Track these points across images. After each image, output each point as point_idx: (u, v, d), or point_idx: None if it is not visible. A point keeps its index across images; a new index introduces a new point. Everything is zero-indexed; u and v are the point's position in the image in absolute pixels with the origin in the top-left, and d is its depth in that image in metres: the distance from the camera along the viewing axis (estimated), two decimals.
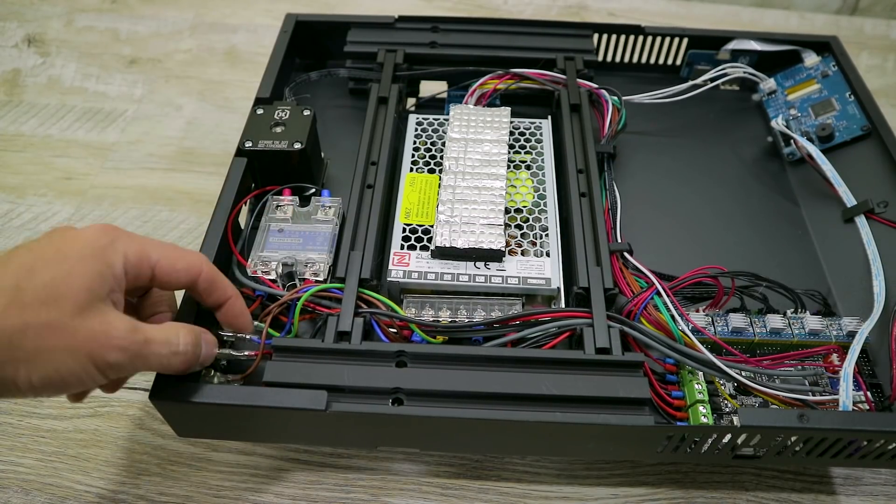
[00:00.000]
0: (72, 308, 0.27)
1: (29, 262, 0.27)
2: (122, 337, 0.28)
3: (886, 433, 0.33)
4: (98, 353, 0.27)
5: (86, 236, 0.29)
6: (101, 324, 0.27)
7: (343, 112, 0.54)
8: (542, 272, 0.40)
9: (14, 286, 0.26)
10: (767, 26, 0.78)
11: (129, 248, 0.30)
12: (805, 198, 0.50)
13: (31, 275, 0.27)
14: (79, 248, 0.28)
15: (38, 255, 0.27)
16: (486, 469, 0.42)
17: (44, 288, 0.26)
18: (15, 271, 0.27)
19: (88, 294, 0.27)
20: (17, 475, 0.41)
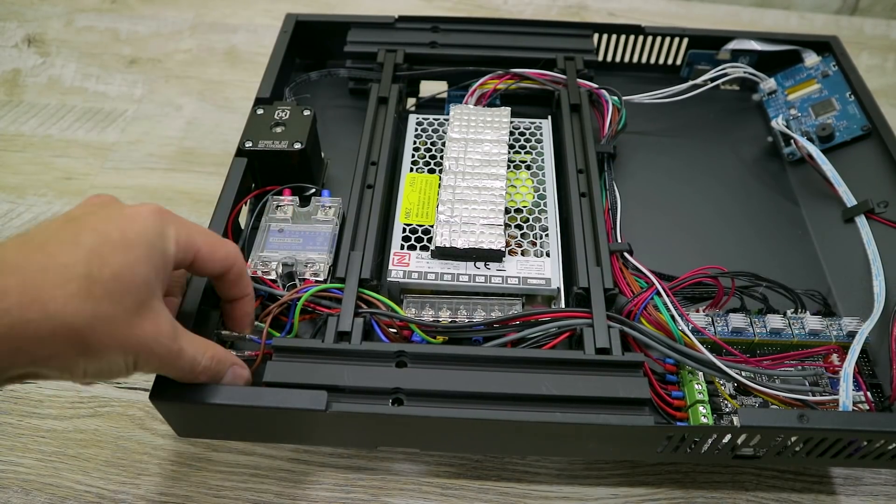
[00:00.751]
0: (133, 304, 0.27)
1: (97, 247, 0.26)
2: (164, 345, 0.28)
3: (886, 433, 0.33)
4: (142, 357, 0.27)
5: (143, 219, 0.28)
6: (152, 326, 0.28)
7: (343, 112, 0.54)
8: (542, 272, 0.40)
9: (86, 275, 0.25)
10: (767, 26, 0.78)
11: (180, 234, 0.30)
12: (805, 198, 0.50)
13: (100, 262, 0.26)
14: (140, 234, 0.28)
15: (104, 239, 0.26)
16: (486, 469, 0.42)
17: (111, 279, 0.26)
18: (86, 256, 0.25)
19: (147, 289, 0.27)
20: (17, 475, 0.41)
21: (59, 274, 0.25)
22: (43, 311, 0.24)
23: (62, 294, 0.24)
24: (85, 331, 0.25)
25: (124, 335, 0.26)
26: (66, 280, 0.25)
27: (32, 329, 0.24)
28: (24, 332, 0.24)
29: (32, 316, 0.24)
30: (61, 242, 0.26)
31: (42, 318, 0.24)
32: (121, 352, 0.27)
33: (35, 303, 0.24)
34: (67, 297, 0.24)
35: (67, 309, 0.24)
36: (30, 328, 0.24)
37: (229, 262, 0.33)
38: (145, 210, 0.29)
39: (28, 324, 0.24)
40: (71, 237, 0.26)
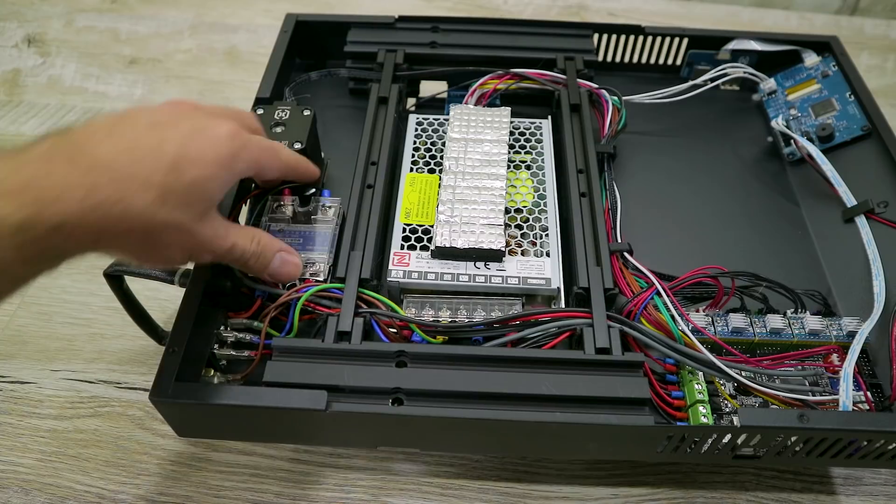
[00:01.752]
0: (199, 213, 0.30)
1: (177, 160, 0.29)
2: (218, 244, 0.32)
3: (886, 433, 0.33)
4: (198, 254, 0.32)
5: (221, 143, 0.31)
6: (212, 230, 0.32)
7: (343, 112, 0.54)
8: (542, 272, 0.40)
9: (164, 185, 0.28)
10: (767, 26, 0.78)
11: (250, 156, 0.33)
12: (805, 198, 0.50)
13: (178, 175, 0.29)
14: (216, 152, 0.31)
15: (184, 154, 0.29)
16: (486, 469, 0.42)
17: (185, 190, 0.29)
18: (167, 168, 0.28)
19: (212, 202, 0.31)
20: (17, 475, 0.41)
21: (143, 180, 0.28)
22: (126, 210, 0.27)
23: (143, 199, 0.27)
24: (156, 232, 0.29)
25: (187, 237, 0.30)
26: (148, 187, 0.28)
27: (114, 224, 0.27)
28: (107, 224, 0.27)
29: (116, 212, 0.27)
30: (148, 149, 0.28)
31: (123, 216, 0.27)
32: (181, 250, 0.31)
33: (120, 203, 0.27)
34: (147, 203, 0.28)
35: (146, 212, 0.28)
36: (112, 223, 0.27)
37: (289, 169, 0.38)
38: (223, 133, 0.31)
39: (112, 219, 0.27)
40: (156, 145, 0.29)
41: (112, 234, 0.27)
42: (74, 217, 0.25)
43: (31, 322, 0.49)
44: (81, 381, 0.46)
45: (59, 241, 0.25)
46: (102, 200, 0.26)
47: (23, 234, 0.24)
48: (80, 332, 0.48)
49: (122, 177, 0.27)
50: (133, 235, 0.28)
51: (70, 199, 0.25)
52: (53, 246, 0.25)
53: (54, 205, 0.25)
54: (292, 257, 0.36)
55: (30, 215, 0.24)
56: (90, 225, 0.26)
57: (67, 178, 0.25)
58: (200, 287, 0.36)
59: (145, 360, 0.47)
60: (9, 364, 0.47)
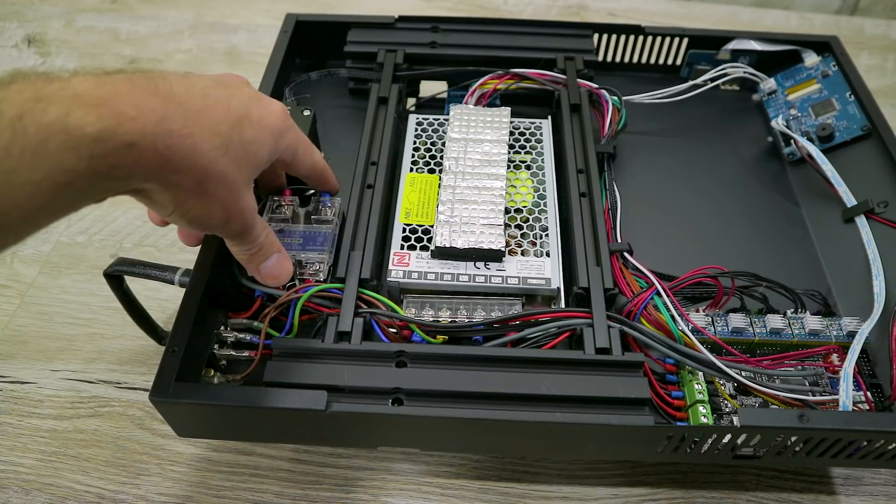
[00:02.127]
0: (247, 177, 0.32)
1: (241, 118, 0.30)
2: (248, 217, 0.32)
3: (886, 433, 0.33)
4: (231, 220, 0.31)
5: (276, 113, 0.33)
6: (251, 201, 0.32)
7: (343, 112, 0.54)
8: (542, 272, 0.40)
9: (228, 136, 0.29)
10: (767, 26, 0.78)
11: (294, 138, 0.35)
12: (805, 198, 0.50)
13: (240, 132, 0.30)
14: (272, 122, 0.32)
15: (246, 114, 0.31)
16: (486, 469, 0.42)
17: (242, 148, 0.30)
18: (232, 121, 0.30)
19: (257, 170, 0.32)
20: (17, 475, 0.41)
21: (210, 126, 0.28)
22: (193, 147, 0.28)
23: (209, 142, 0.28)
24: (211, 179, 0.29)
25: (232, 198, 0.31)
26: (214, 133, 0.29)
27: (179, 157, 0.27)
28: (173, 155, 0.27)
29: (185, 147, 0.27)
30: (217, 100, 0.30)
31: (190, 152, 0.27)
32: (222, 208, 0.31)
33: (190, 138, 0.27)
34: (210, 147, 0.28)
35: (208, 155, 0.28)
36: (178, 156, 0.27)
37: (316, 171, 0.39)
38: (278, 107, 0.34)
39: (179, 151, 0.27)
40: (224, 99, 0.30)
41: (174, 168, 0.27)
42: (148, 138, 0.25)
43: (31, 322, 0.49)
44: (81, 381, 0.46)
45: (129, 161, 0.25)
46: (175, 130, 0.27)
47: (99, 145, 0.24)
48: (80, 332, 0.48)
49: (195, 116, 0.28)
50: (191, 175, 0.28)
51: (147, 121, 0.25)
52: (122, 165, 0.25)
53: (132, 122, 0.25)
54: (287, 262, 0.37)
55: (108, 127, 0.24)
56: (159, 151, 0.26)
57: (146, 101, 0.26)
58: (200, 287, 0.36)
59: (145, 360, 0.47)
60: (9, 364, 0.47)
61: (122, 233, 0.55)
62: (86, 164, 0.24)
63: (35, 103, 0.22)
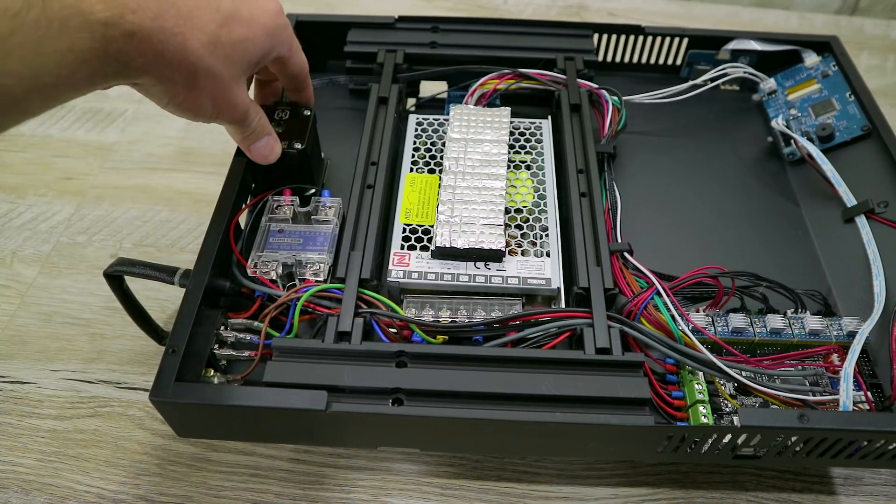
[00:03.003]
0: (237, 73, 0.34)
1: (230, 17, 0.33)
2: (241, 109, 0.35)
3: (886, 433, 0.33)
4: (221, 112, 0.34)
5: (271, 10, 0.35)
6: (242, 92, 0.35)
7: (343, 112, 0.54)
8: (542, 272, 0.40)
9: (216, 35, 0.32)
10: (767, 26, 0.78)
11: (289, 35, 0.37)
12: (805, 198, 0.50)
13: (229, 30, 0.32)
14: (264, 20, 0.35)
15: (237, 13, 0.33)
16: (486, 469, 0.42)
17: (232, 45, 0.33)
18: (221, 21, 0.32)
19: (250, 66, 0.35)
20: (17, 475, 0.41)
21: (200, 25, 0.31)
22: (182, 44, 0.30)
23: (198, 40, 0.31)
24: (199, 74, 0.31)
25: (222, 90, 0.33)
26: (203, 32, 0.31)
27: (171, 53, 0.30)
28: (165, 50, 0.29)
29: (175, 43, 0.30)
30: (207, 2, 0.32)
31: (180, 48, 0.30)
32: (213, 100, 0.33)
33: (179, 35, 0.30)
34: (199, 44, 0.31)
35: (196, 52, 0.31)
36: (170, 51, 0.30)
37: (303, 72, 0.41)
38: (273, 7, 0.36)
39: (171, 47, 0.29)
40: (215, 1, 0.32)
41: (166, 61, 0.30)
42: (145, 31, 0.28)
43: (31, 322, 0.49)
44: (81, 381, 0.46)
45: (131, 48, 0.28)
46: (166, 27, 0.29)
47: (108, 29, 0.27)
48: (80, 332, 0.48)
49: (184, 15, 0.30)
50: (181, 70, 0.30)
51: (143, 15, 0.28)
52: (125, 51, 0.28)
53: (132, 14, 0.28)
54: (276, 144, 0.40)
55: (113, 15, 0.27)
56: (154, 44, 0.29)
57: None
58: (200, 287, 0.36)
59: (145, 360, 0.47)
60: (9, 364, 0.47)
61: (122, 233, 0.55)
62: (98, 44, 0.27)
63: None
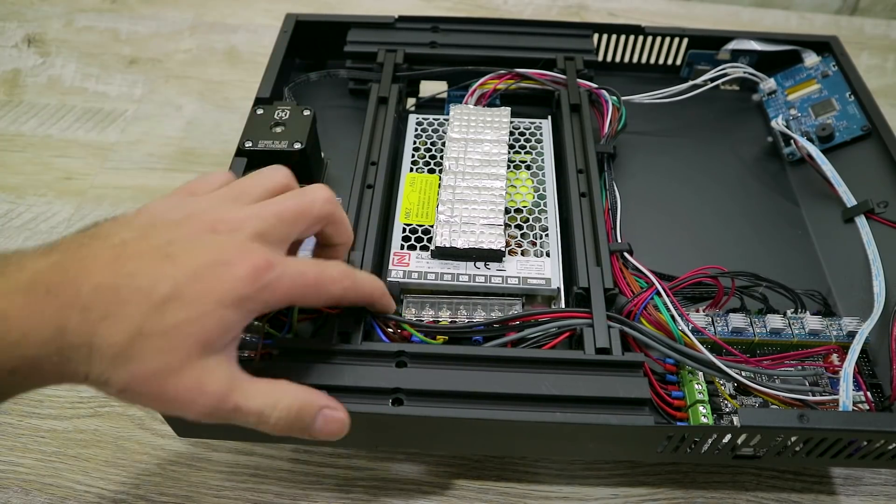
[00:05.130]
0: (179, 360, 0.26)
1: (166, 299, 0.26)
2: (207, 405, 0.27)
3: (886, 433, 0.33)
4: (179, 410, 0.27)
5: (237, 279, 0.27)
6: (194, 383, 0.26)
7: (343, 112, 0.54)
8: (542, 272, 0.40)
9: (138, 325, 0.25)
10: (767, 26, 0.78)
11: (273, 297, 0.28)
12: (805, 198, 0.50)
13: (161, 316, 0.25)
14: (221, 292, 0.26)
15: (179, 292, 0.26)
16: (486, 469, 0.42)
17: (163, 336, 0.25)
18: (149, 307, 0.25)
19: (202, 348, 0.26)
20: (17, 475, 0.41)
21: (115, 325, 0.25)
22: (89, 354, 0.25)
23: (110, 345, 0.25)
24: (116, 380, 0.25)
25: (159, 388, 0.26)
26: (118, 331, 0.25)
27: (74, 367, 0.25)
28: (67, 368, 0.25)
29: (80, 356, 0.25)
30: (136, 287, 0.25)
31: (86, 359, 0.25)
32: (150, 405, 0.27)
33: (86, 346, 0.25)
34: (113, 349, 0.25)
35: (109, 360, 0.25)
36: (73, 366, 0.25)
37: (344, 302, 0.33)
38: (242, 274, 0.27)
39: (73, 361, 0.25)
40: (149, 284, 0.26)
41: (71, 377, 0.25)
42: (31, 362, 0.24)
43: None
44: None
45: (13, 382, 0.24)
46: (66, 344, 0.24)
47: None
48: None
49: (96, 317, 0.25)
50: (93, 378, 0.25)
51: (29, 344, 0.24)
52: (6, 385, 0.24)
53: (12, 349, 0.23)
54: (338, 413, 0.30)
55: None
56: (46, 371, 0.24)
57: (38, 318, 0.24)
58: None
59: None
60: None
61: None
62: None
63: None
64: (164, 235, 0.27)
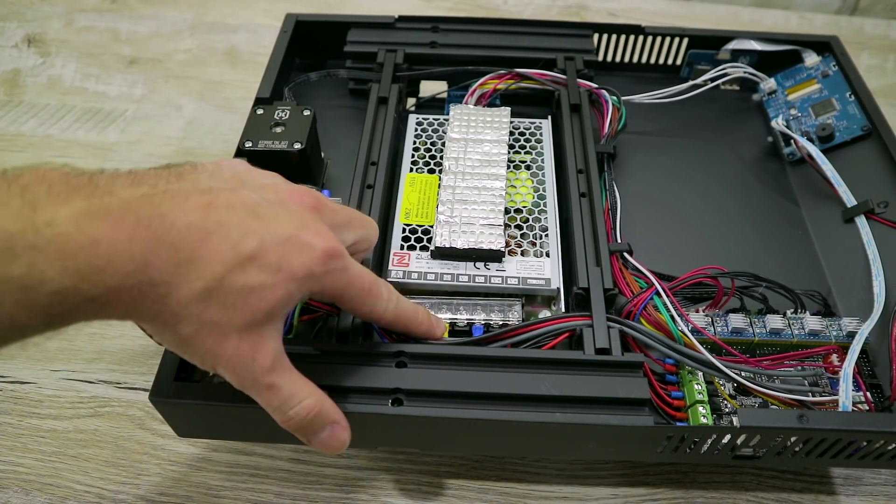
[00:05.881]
0: (241, 323, 0.26)
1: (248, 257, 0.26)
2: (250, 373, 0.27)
3: (886, 433, 0.33)
4: (219, 367, 0.27)
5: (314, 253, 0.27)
6: (249, 348, 0.27)
7: (343, 112, 0.54)
8: (542, 272, 0.40)
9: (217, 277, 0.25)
10: (767, 26, 0.78)
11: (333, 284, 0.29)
12: (805, 198, 0.50)
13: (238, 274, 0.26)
14: (299, 265, 0.27)
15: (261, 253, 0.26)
16: (486, 469, 0.42)
17: (238, 293, 0.26)
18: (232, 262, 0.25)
19: (265, 316, 0.27)
20: (17, 475, 0.41)
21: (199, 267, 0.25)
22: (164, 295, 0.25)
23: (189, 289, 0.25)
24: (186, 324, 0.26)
25: (220, 346, 0.26)
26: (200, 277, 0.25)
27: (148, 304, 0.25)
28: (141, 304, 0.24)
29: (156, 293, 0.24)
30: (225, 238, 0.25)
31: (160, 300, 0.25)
32: (200, 357, 0.27)
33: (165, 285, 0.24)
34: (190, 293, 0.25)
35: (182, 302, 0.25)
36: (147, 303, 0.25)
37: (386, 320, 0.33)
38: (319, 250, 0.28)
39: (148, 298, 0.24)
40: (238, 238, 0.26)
41: (141, 314, 0.25)
42: (111, 292, 0.23)
43: None
44: (81, 381, 0.46)
45: (89, 311, 0.24)
46: (147, 280, 0.24)
47: (55, 304, 0.22)
48: (79, 332, 0.48)
49: (182, 259, 0.24)
50: (159, 321, 0.25)
51: (115, 273, 0.23)
52: (78, 317, 0.24)
53: (97, 275, 0.23)
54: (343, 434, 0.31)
55: (67, 286, 0.22)
56: (123, 302, 0.24)
57: (127, 246, 0.23)
58: None
59: (145, 360, 0.47)
60: (9, 364, 0.47)
61: None
62: (38, 319, 0.23)
63: (2, 255, 0.21)
64: (254, 195, 0.27)
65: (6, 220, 0.21)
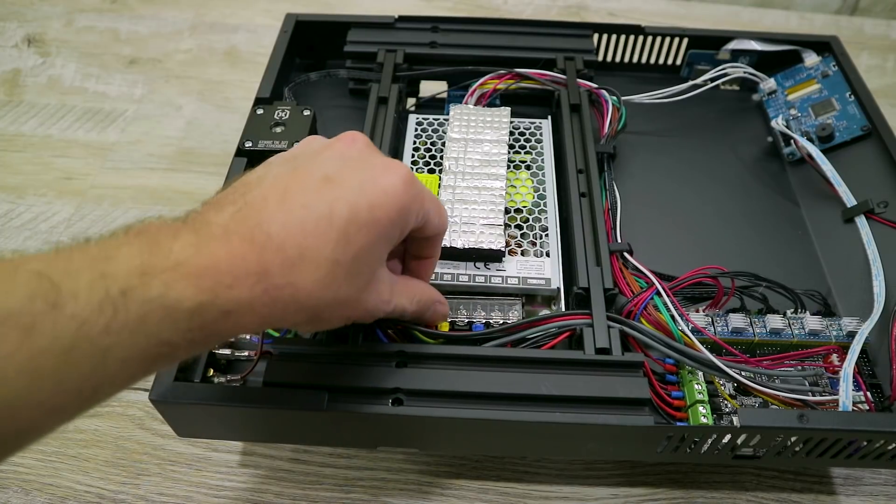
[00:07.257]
0: (365, 283, 0.29)
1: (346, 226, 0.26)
2: (381, 308, 0.30)
3: (886, 433, 0.33)
4: (359, 318, 0.30)
5: (394, 195, 0.28)
6: (376, 295, 0.30)
7: (343, 112, 0.54)
8: (542, 272, 0.40)
9: (333, 260, 0.26)
10: (767, 26, 0.78)
11: (422, 208, 0.30)
12: (805, 198, 0.50)
13: (346, 244, 0.27)
14: (387, 212, 0.28)
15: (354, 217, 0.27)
16: (486, 469, 0.42)
17: (352, 261, 0.27)
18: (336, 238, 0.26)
19: (379, 265, 0.29)
20: (17, 475, 0.41)
21: (312, 258, 0.26)
22: (293, 294, 0.26)
23: (311, 280, 0.26)
24: (321, 309, 0.27)
25: (351, 310, 0.29)
26: (317, 266, 0.26)
27: (281, 308, 0.26)
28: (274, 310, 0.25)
29: (284, 297, 0.25)
30: (318, 218, 0.26)
31: (291, 300, 0.26)
32: (345, 318, 0.29)
33: (289, 286, 0.25)
34: (315, 284, 0.26)
35: (313, 295, 0.26)
36: (280, 307, 0.26)
37: (442, 229, 0.33)
38: (398, 182, 0.28)
39: (280, 303, 0.25)
40: (327, 211, 0.26)
41: (277, 317, 0.26)
42: (244, 304, 0.24)
43: None
44: None
45: (226, 327, 0.25)
46: (272, 286, 0.25)
47: (196, 318, 0.23)
48: None
49: (293, 258, 0.25)
50: (300, 315, 0.27)
51: (242, 287, 0.24)
52: (219, 331, 0.25)
53: (228, 291, 0.24)
54: (444, 308, 0.36)
55: (205, 301, 0.23)
56: (258, 310, 0.25)
57: (243, 263, 0.24)
58: None
59: None
60: None
61: None
62: (182, 336, 0.23)
63: (139, 278, 0.22)
64: (313, 163, 0.28)
65: (133, 256, 0.23)
